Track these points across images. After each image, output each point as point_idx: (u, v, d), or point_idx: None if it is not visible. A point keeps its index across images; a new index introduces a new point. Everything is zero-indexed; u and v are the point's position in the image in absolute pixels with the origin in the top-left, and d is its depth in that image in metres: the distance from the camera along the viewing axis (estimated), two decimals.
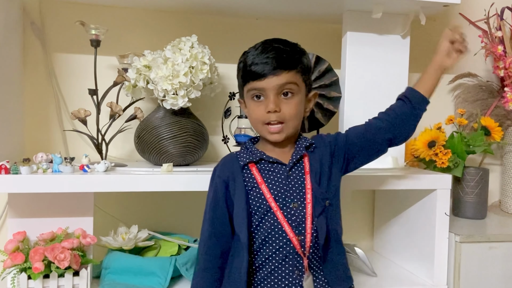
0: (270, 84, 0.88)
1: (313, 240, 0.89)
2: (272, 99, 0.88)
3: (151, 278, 1.16)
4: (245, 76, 0.91)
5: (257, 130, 0.94)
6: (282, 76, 0.88)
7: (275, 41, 0.92)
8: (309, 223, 0.89)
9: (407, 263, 1.37)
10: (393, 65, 1.35)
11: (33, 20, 1.35)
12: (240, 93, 0.97)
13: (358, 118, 1.33)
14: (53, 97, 1.37)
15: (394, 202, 1.45)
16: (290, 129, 0.91)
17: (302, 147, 0.94)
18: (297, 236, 0.88)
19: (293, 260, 0.88)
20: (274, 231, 0.89)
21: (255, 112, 0.91)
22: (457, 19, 1.68)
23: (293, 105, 0.90)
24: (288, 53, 0.90)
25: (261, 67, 0.88)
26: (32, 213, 1.13)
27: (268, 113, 0.89)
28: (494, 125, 1.53)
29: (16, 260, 1.04)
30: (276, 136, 0.91)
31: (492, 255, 1.27)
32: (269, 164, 0.93)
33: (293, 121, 0.91)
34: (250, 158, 0.92)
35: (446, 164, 1.41)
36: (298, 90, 0.91)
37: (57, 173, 1.06)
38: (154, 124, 1.21)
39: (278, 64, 0.88)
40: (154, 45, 1.29)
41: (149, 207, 1.42)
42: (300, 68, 0.91)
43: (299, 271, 0.88)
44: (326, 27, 1.54)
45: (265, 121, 0.90)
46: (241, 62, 0.93)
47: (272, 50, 0.89)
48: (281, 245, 0.88)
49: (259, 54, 0.89)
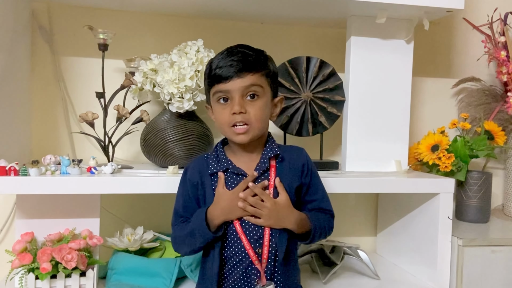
0: (235, 86, 0.89)
1: (272, 253, 0.91)
2: (237, 101, 0.89)
3: (156, 279, 1.17)
4: (211, 79, 0.92)
5: (223, 133, 0.95)
6: (247, 78, 0.89)
7: (240, 46, 0.94)
8: (267, 236, 0.91)
9: (410, 266, 1.38)
10: (396, 69, 1.37)
11: (42, 24, 1.37)
12: (207, 98, 0.98)
13: (361, 121, 1.35)
14: (61, 100, 1.39)
15: (397, 205, 1.46)
16: (256, 131, 0.92)
17: (267, 158, 0.94)
18: (256, 249, 0.91)
19: (253, 271, 0.91)
20: (235, 242, 0.92)
21: (221, 115, 0.92)
22: (461, 24, 1.69)
23: (258, 107, 0.91)
24: (252, 56, 0.91)
25: (226, 69, 0.89)
26: (39, 214, 1.15)
27: (234, 114, 0.90)
28: (497, 130, 1.53)
29: (24, 261, 1.05)
30: (242, 137, 0.91)
31: (494, 259, 1.27)
32: (234, 175, 0.94)
33: (258, 123, 0.91)
34: (217, 168, 0.94)
35: (449, 168, 1.41)
36: (263, 93, 0.92)
37: (65, 175, 1.08)
38: (160, 126, 1.23)
39: (243, 66, 0.89)
40: (160, 49, 1.31)
41: (155, 208, 1.44)
42: (264, 71, 0.92)
43: (260, 281, 0.91)
44: (330, 32, 1.56)
45: (231, 123, 0.91)
46: (207, 68, 0.95)
47: (237, 54, 0.91)
48: (241, 256, 0.91)
49: (224, 57, 0.91)
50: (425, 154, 1.45)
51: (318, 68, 1.33)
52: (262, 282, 0.90)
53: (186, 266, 1.20)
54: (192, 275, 1.20)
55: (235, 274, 0.91)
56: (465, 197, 1.49)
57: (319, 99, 1.33)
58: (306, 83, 1.33)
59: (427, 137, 1.47)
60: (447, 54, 1.70)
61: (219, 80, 0.90)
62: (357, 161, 1.35)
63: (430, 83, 1.68)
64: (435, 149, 1.43)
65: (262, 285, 0.90)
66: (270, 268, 0.91)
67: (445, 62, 1.70)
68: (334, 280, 1.29)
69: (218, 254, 0.91)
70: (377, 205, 1.62)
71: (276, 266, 0.92)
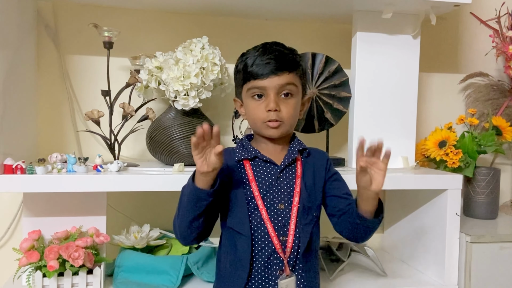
0: (272, 84, 0.90)
1: (295, 243, 0.91)
2: (272, 98, 0.90)
3: (163, 277, 1.17)
4: (246, 75, 0.92)
5: (255, 128, 0.96)
6: (283, 77, 0.90)
7: (275, 44, 0.94)
8: (293, 225, 0.91)
9: (417, 263, 1.37)
10: (403, 65, 1.35)
11: (47, 22, 1.37)
12: (237, 92, 0.99)
13: (368, 118, 1.35)
14: (67, 98, 1.40)
15: (404, 202, 1.45)
16: (286, 127, 0.93)
17: (296, 150, 0.96)
18: (280, 236, 0.90)
19: (276, 260, 0.90)
20: (259, 229, 0.91)
21: (255, 111, 0.93)
22: (468, 18, 1.67)
23: (291, 105, 0.92)
24: (288, 55, 0.93)
25: (263, 67, 0.90)
26: (46, 212, 1.15)
27: (268, 111, 0.91)
28: (505, 125, 1.52)
29: (31, 259, 1.06)
30: (274, 131, 0.92)
31: (503, 256, 1.26)
32: (262, 162, 0.94)
33: (290, 121, 0.93)
34: (245, 155, 0.94)
35: (457, 164, 1.40)
36: (297, 91, 0.94)
37: (71, 173, 1.08)
38: (166, 124, 1.23)
39: (280, 64, 0.90)
40: (165, 46, 1.31)
41: (161, 206, 1.43)
42: (299, 71, 0.94)
43: (282, 271, 0.90)
44: (336, 28, 1.55)
45: (265, 119, 0.91)
46: (241, 63, 0.95)
47: (273, 52, 0.91)
48: (266, 243, 0.90)
49: (260, 55, 0.91)
50: (433, 150, 1.43)
51: (323, 65, 1.32)
52: (286, 272, 0.89)
53: (193, 264, 1.20)
54: (198, 273, 1.20)
55: (258, 264, 0.90)
56: (473, 193, 1.48)
57: (325, 96, 1.33)
58: (312, 79, 1.32)
59: (434, 133, 1.46)
60: (454, 49, 1.69)
61: (255, 77, 0.91)
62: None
63: (437, 78, 1.67)
64: (442, 145, 1.42)
65: (286, 275, 0.89)
66: (293, 258, 0.91)
67: (452, 57, 1.68)
68: (341, 277, 1.29)
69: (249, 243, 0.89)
70: (384, 202, 1.60)
71: (298, 258, 0.91)
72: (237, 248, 0.91)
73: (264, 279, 0.90)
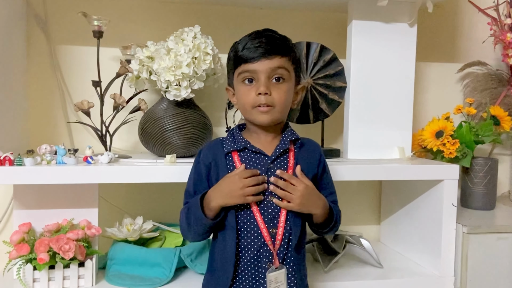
0: (263, 67, 0.88)
1: (285, 235, 0.90)
2: (263, 82, 0.89)
3: (156, 269, 1.16)
4: (237, 60, 0.91)
5: (245, 114, 0.94)
6: (274, 60, 0.89)
7: (267, 30, 0.93)
8: (283, 217, 0.89)
9: (413, 254, 1.36)
10: (400, 54, 1.33)
11: (37, 12, 1.35)
12: (229, 80, 0.97)
13: (363, 108, 1.33)
14: (57, 89, 1.38)
15: (401, 192, 1.44)
16: (277, 114, 0.91)
17: (288, 140, 0.93)
18: (270, 229, 0.89)
19: (266, 252, 0.89)
20: (248, 221, 0.89)
21: (245, 95, 0.91)
22: (466, 6, 1.64)
23: (282, 90, 0.90)
24: (281, 40, 0.92)
25: (253, 50, 0.89)
26: (38, 205, 1.14)
27: (259, 95, 0.89)
28: (503, 115, 1.50)
29: (22, 251, 1.05)
30: (265, 117, 0.90)
31: (500, 246, 1.25)
32: (251, 153, 0.92)
33: (281, 106, 0.91)
34: (234, 147, 0.93)
35: (454, 155, 1.38)
36: (289, 77, 0.92)
37: (61, 164, 1.06)
38: (158, 115, 1.21)
39: (271, 48, 0.89)
40: (157, 36, 1.29)
41: (154, 198, 1.42)
42: (291, 56, 0.92)
43: (271, 264, 0.89)
44: (331, 16, 1.52)
45: (255, 104, 0.90)
46: (232, 50, 0.94)
47: (265, 36, 0.90)
48: (255, 235, 0.89)
49: (252, 39, 0.90)
50: (429, 140, 1.42)
51: (318, 54, 1.30)
52: (275, 264, 0.88)
53: (186, 256, 1.19)
54: (192, 265, 1.19)
55: (247, 256, 0.89)
56: (470, 184, 1.47)
57: (320, 86, 1.30)
58: (307, 69, 1.30)
59: (431, 123, 1.44)
60: (452, 38, 1.66)
61: (246, 60, 0.89)
62: (359, 148, 1.33)
63: (434, 68, 1.65)
64: (439, 135, 1.40)
65: (275, 267, 0.88)
66: (283, 251, 0.89)
67: (449, 46, 1.66)
68: (336, 269, 1.27)
69: (234, 235, 0.89)
70: (380, 193, 1.59)
71: (288, 250, 0.90)
72: (226, 240, 0.90)
73: (253, 271, 0.89)
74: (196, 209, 0.89)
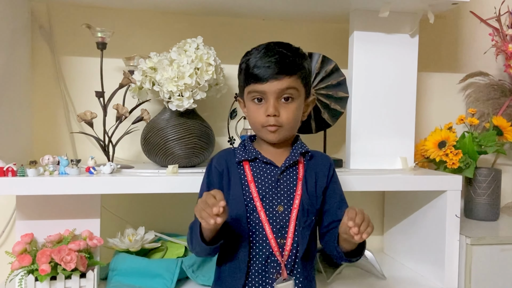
0: (271, 88, 0.89)
1: (294, 246, 0.89)
2: (272, 103, 0.89)
3: (158, 280, 1.16)
4: (247, 78, 0.91)
5: (254, 130, 0.96)
6: (283, 81, 0.89)
7: (278, 44, 0.92)
8: (292, 228, 0.89)
9: (417, 265, 1.35)
10: (401, 64, 1.33)
11: (41, 24, 1.36)
12: (240, 92, 0.98)
13: (365, 118, 1.33)
14: (61, 99, 1.38)
15: (404, 203, 1.43)
16: (286, 132, 0.93)
17: (298, 152, 0.94)
18: (278, 239, 0.89)
19: (273, 263, 0.89)
20: (257, 231, 0.89)
21: (255, 114, 0.92)
22: (467, 16, 1.65)
23: (291, 110, 0.91)
24: (290, 58, 0.90)
25: (263, 70, 0.88)
26: (40, 215, 1.14)
27: (268, 116, 0.90)
28: (506, 125, 1.49)
29: (23, 262, 1.04)
30: (273, 136, 0.92)
31: (504, 258, 1.24)
32: (262, 164, 0.93)
33: (290, 125, 0.92)
34: (246, 156, 0.94)
35: (457, 165, 1.38)
36: (298, 95, 0.92)
37: (64, 175, 1.07)
38: (160, 125, 1.21)
39: (280, 68, 0.88)
40: (160, 47, 1.29)
41: (156, 208, 1.42)
42: (301, 73, 0.92)
43: (279, 275, 0.88)
44: (333, 27, 1.53)
45: (264, 124, 0.91)
46: (243, 63, 0.93)
47: (275, 54, 0.89)
48: (264, 245, 0.89)
49: (262, 57, 0.89)
50: (432, 150, 1.41)
51: (320, 64, 1.30)
52: (283, 276, 0.88)
53: (188, 267, 1.18)
54: (193, 276, 1.18)
55: (255, 266, 0.89)
56: (473, 195, 1.46)
57: (322, 96, 1.31)
58: None
59: (433, 133, 1.44)
60: (454, 48, 1.67)
61: (256, 80, 0.89)
62: (362, 158, 1.33)
63: (436, 78, 1.65)
64: (442, 146, 1.40)
65: (283, 279, 0.87)
66: (291, 262, 0.89)
67: (451, 57, 1.66)
68: (339, 280, 1.27)
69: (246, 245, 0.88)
70: (383, 204, 1.59)
71: (296, 262, 0.90)
72: (235, 250, 0.90)
73: (261, 282, 0.89)
74: (196, 228, 0.85)
